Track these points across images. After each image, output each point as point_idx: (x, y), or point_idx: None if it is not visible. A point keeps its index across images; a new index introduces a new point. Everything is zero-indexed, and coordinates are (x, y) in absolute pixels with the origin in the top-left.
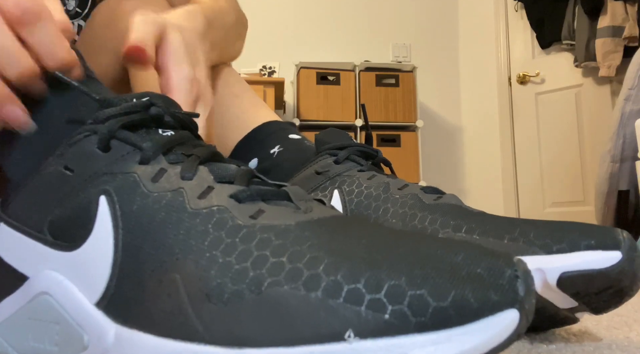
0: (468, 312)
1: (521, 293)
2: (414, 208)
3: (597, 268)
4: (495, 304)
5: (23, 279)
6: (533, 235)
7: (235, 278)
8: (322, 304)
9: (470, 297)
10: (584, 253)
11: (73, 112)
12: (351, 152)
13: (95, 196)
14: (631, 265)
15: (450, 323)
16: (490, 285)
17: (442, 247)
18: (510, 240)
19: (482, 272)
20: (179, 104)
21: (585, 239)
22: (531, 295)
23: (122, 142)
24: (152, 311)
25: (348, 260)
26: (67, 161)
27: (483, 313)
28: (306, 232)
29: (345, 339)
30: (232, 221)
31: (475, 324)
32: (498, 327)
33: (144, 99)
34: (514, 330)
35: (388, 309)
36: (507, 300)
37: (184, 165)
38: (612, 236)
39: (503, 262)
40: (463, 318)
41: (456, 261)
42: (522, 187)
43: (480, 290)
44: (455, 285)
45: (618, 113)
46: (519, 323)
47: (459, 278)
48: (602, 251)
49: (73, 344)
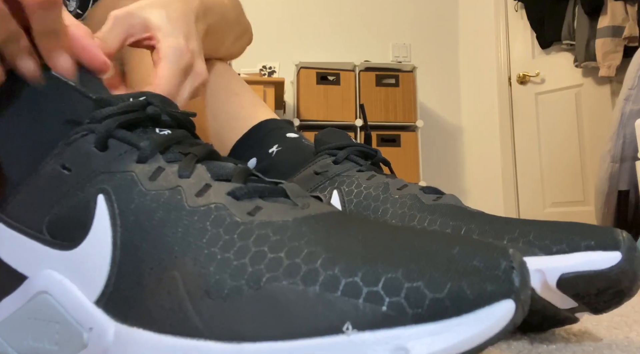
0: (464, 303)
1: (517, 283)
2: (413, 208)
3: (596, 269)
4: (491, 295)
5: (22, 279)
6: (533, 235)
7: (234, 274)
8: (320, 298)
9: (467, 288)
10: (584, 253)
11: (70, 112)
12: (350, 152)
13: (93, 195)
14: (631, 265)
15: (447, 314)
16: (486, 277)
17: (438, 241)
18: (509, 240)
19: (477, 264)
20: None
21: (585, 240)
22: (527, 285)
23: (120, 141)
24: (152, 308)
25: (345, 254)
26: (64, 160)
27: (479, 303)
28: (303, 228)
29: (343, 331)
30: (230, 218)
31: (471, 315)
32: (494, 317)
33: (141, 98)
34: (510, 320)
35: (385, 301)
36: (503, 291)
37: (181, 163)
38: (611, 236)
39: (498, 254)
40: (459, 309)
41: (452, 254)
42: (522, 187)
43: (476, 281)
44: (451, 277)
45: (618, 113)
46: (515, 313)
47: (455, 271)
48: (602, 252)
49: (73, 342)
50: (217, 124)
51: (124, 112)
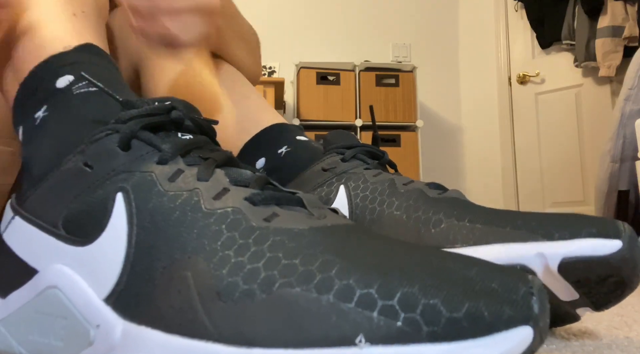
0: (481, 325)
1: (536, 310)
2: (418, 201)
3: (598, 254)
4: (510, 320)
5: (33, 273)
6: (535, 223)
7: (246, 277)
8: (333, 307)
9: (484, 310)
10: (585, 240)
11: (97, 113)
12: (358, 152)
13: (112, 193)
14: (632, 253)
15: (463, 335)
16: (504, 300)
17: (455, 261)
18: (512, 228)
19: (496, 287)
20: (199, 110)
21: (587, 227)
22: (546, 312)
23: (143, 142)
24: (162, 307)
25: (361, 265)
26: (87, 157)
27: (497, 327)
28: (319, 237)
29: (355, 344)
30: (246, 222)
31: (488, 339)
32: (511, 343)
33: (166, 103)
34: (527, 347)
35: (401, 316)
36: (522, 316)
37: (200, 167)
38: (613, 225)
39: (517, 278)
40: (476, 331)
41: (469, 275)
42: (522, 187)
43: (495, 304)
44: (469, 297)
45: (618, 113)
46: (533, 341)
47: (473, 291)
48: (603, 239)
49: (79, 339)
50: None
51: (148, 115)
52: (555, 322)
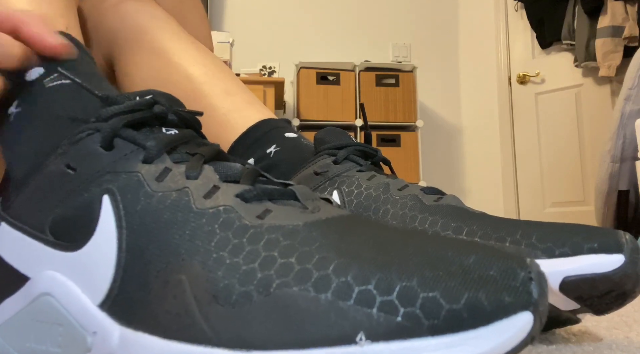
0: (481, 315)
1: (535, 295)
2: (414, 209)
3: (600, 272)
4: (509, 307)
5: (24, 280)
6: (535, 237)
7: (243, 279)
8: (332, 306)
9: (484, 300)
10: (587, 257)
11: (76, 110)
12: (350, 152)
13: (98, 195)
14: (634, 267)
15: (464, 326)
16: (503, 288)
17: (452, 248)
18: (512, 242)
19: (494, 274)
20: (182, 102)
21: (588, 242)
22: (545, 297)
23: (126, 141)
24: (158, 312)
25: (358, 260)
26: (69, 159)
27: (497, 316)
28: (314, 233)
29: (356, 342)
30: (239, 221)
31: (489, 328)
32: (512, 330)
33: (147, 97)
34: (528, 333)
35: (400, 311)
36: (521, 303)
37: (188, 164)
38: (614, 239)
39: (516, 264)
40: (476, 321)
41: (468, 264)
42: (522, 187)
43: (494, 292)
44: (468, 287)
45: (618, 113)
46: (533, 326)
47: (472, 281)
48: (605, 255)
49: (76, 346)
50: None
51: (130, 111)
52: (555, 325)
